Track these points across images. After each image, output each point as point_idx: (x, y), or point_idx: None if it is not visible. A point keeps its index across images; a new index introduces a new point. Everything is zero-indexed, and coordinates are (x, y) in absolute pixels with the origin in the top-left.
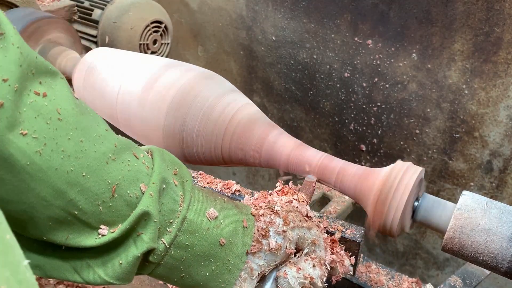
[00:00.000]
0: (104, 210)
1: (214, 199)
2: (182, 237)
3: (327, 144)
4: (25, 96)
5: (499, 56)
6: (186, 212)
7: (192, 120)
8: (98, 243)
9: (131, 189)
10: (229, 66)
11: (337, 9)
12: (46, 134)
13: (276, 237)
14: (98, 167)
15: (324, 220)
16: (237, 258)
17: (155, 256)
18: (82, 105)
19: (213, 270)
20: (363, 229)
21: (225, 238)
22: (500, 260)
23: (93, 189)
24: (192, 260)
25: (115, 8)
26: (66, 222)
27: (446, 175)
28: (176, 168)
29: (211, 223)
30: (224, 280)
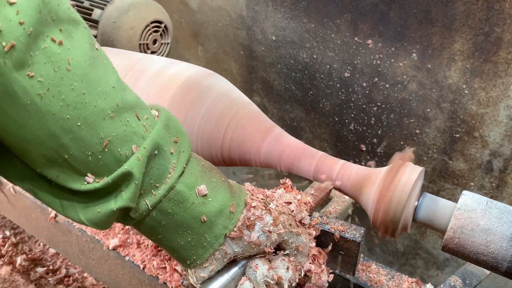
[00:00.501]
0: (93, 160)
1: (211, 176)
2: (166, 204)
3: (327, 144)
4: (40, 41)
5: (499, 56)
6: (176, 182)
7: (192, 120)
8: (83, 188)
9: (122, 148)
10: (229, 66)
11: (337, 9)
12: (51, 80)
13: (260, 233)
14: (95, 120)
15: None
16: (214, 238)
17: (136, 214)
18: (99, 57)
19: (188, 241)
20: (363, 229)
21: (207, 216)
22: (500, 260)
23: (85, 139)
24: (171, 226)
25: (115, 8)
26: (57, 162)
27: (446, 175)
28: (177, 137)
29: (198, 199)
30: (197, 253)
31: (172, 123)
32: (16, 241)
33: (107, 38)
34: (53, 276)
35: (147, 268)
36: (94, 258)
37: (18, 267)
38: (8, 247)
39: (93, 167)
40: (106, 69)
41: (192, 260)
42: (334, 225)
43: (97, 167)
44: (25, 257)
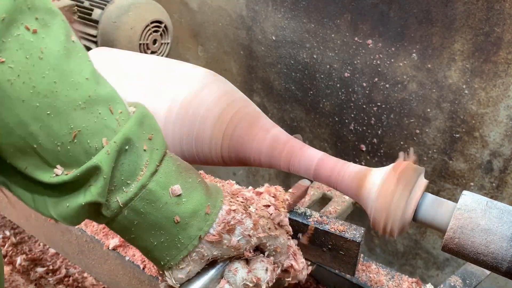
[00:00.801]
0: (62, 151)
1: (186, 176)
2: (138, 203)
3: (327, 144)
4: (13, 28)
5: (499, 56)
6: (148, 181)
7: (192, 120)
8: (51, 181)
9: (92, 140)
10: (229, 66)
11: (337, 9)
12: (22, 67)
13: (240, 237)
14: (65, 110)
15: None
16: (188, 239)
17: (108, 212)
18: (75, 49)
19: (161, 241)
20: (363, 229)
21: (180, 217)
22: (500, 260)
23: (55, 128)
24: (144, 226)
25: (115, 8)
26: (26, 152)
27: (446, 175)
28: (152, 134)
29: (172, 199)
30: (170, 254)
31: (147, 120)
32: (16, 241)
33: (107, 38)
34: (53, 276)
35: (147, 268)
36: (94, 258)
37: (18, 267)
38: (8, 247)
39: (62, 158)
40: (81, 61)
41: (166, 261)
42: (334, 225)
43: (66, 158)
44: (25, 257)
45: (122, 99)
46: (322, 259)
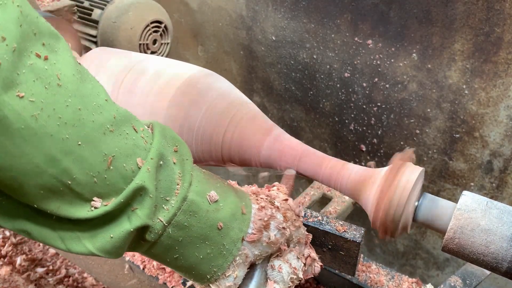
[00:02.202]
0: (99, 181)
1: (215, 182)
2: (181, 217)
3: (327, 144)
4: (25, 57)
5: (499, 56)
6: (187, 192)
7: (192, 120)
8: (90, 215)
9: (127, 163)
10: (229, 66)
11: (337, 9)
12: (44, 98)
13: (276, 231)
14: (95, 137)
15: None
16: (232, 244)
17: (152, 235)
18: (84, 71)
19: (208, 253)
20: (363, 230)
21: (223, 222)
22: (500, 261)
23: (88, 159)
24: (189, 241)
25: (115, 8)
26: (59, 191)
27: (446, 175)
28: (176, 145)
29: (211, 205)
30: (217, 264)
31: (168, 133)
32: (16, 241)
33: (107, 38)
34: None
35: (147, 268)
36: (94, 258)
37: (18, 267)
38: (8, 247)
39: (99, 189)
40: (94, 82)
41: (213, 273)
42: (334, 225)
43: (103, 189)
44: (25, 257)
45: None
46: (322, 259)
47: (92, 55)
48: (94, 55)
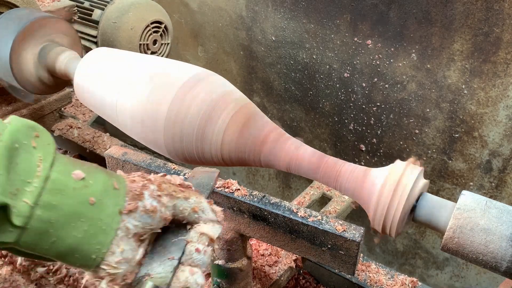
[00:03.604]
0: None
1: (81, 164)
2: (48, 196)
3: (326, 144)
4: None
5: (498, 56)
6: (49, 172)
7: (192, 120)
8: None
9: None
10: (229, 66)
11: (337, 9)
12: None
13: (151, 200)
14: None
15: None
16: (109, 218)
17: (19, 218)
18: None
19: (86, 230)
20: (362, 229)
21: (94, 197)
22: (500, 260)
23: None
24: (62, 221)
25: (115, 8)
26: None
27: (446, 175)
28: (37, 132)
29: (78, 182)
30: (99, 241)
31: (27, 122)
32: None
33: (107, 39)
34: (53, 276)
35: None
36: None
37: (19, 267)
38: None
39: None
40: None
41: (97, 250)
42: (334, 224)
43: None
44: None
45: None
46: (322, 258)
47: (92, 55)
48: (94, 56)
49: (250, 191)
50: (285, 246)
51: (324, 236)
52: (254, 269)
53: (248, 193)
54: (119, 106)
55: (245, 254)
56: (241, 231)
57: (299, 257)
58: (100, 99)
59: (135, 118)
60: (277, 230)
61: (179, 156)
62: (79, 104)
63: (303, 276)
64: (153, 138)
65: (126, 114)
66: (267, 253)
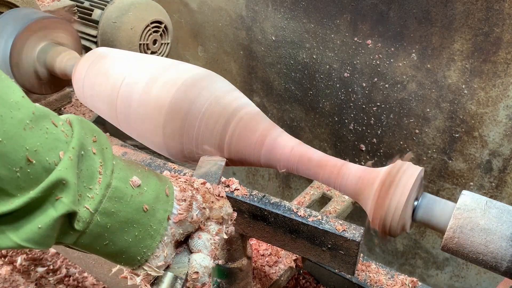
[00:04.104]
0: (22, 176)
1: (136, 168)
2: (108, 204)
3: (326, 144)
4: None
5: (498, 56)
6: (110, 179)
7: (192, 120)
8: (12, 207)
9: (49, 156)
10: (229, 66)
11: (337, 9)
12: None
13: (197, 211)
14: (16, 133)
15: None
16: (159, 224)
17: (80, 224)
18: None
19: (136, 235)
20: (362, 229)
21: (148, 204)
22: (500, 260)
23: (10, 155)
24: (117, 227)
25: (115, 8)
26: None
27: (446, 174)
28: (95, 136)
29: (135, 190)
30: (146, 245)
31: (85, 124)
32: None
33: (107, 38)
34: (53, 276)
35: None
36: (94, 258)
37: (19, 267)
38: None
39: (22, 184)
40: (8, 81)
41: (143, 253)
42: (334, 224)
43: (27, 183)
44: (26, 257)
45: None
46: (322, 258)
47: (92, 55)
48: (94, 55)
49: (250, 191)
50: (285, 246)
51: (324, 236)
52: (254, 269)
53: (248, 193)
54: (119, 106)
55: (245, 254)
56: (241, 231)
57: (299, 257)
58: (100, 99)
59: (136, 118)
60: (277, 230)
61: (179, 155)
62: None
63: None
64: (153, 137)
65: (127, 114)
66: (267, 253)
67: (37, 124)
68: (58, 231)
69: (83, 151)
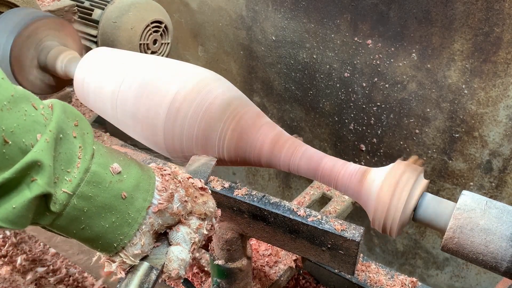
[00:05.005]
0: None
1: (117, 155)
2: (85, 188)
3: (327, 144)
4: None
5: (498, 56)
6: (90, 164)
7: (193, 120)
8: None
9: (26, 138)
10: (229, 66)
11: (337, 9)
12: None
13: (179, 204)
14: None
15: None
16: (137, 212)
17: (56, 206)
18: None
19: (113, 222)
20: (362, 229)
21: (127, 192)
22: (500, 260)
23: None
24: (94, 211)
25: (115, 8)
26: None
27: (446, 175)
28: (77, 120)
29: (114, 177)
30: (123, 232)
31: (68, 108)
32: (16, 241)
33: (107, 38)
34: (53, 276)
35: None
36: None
37: (18, 267)
38: (8, 247)
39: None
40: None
41: (119, 240)
42: (334, 224)
43: (2, 163)
44: (25, 257)
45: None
46: (322, 258)
47: (92, 55)
48: (94, 55)
49: (250, 191)
50: (285, 246)
51: (324, 235)
52: (254, 269)
53: (248, 193)
54: (120, 106)
55: (245, 254)
56: (241, 231)
57: (299, 257)
58: (100, 99)
59: (136, 118)
60: (277, 230)
61: (179, 156)
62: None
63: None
64: (153, 137)
65: (127, 114)
66: (267, 253)
67: (15, 105)
68: (34, 212)
69: (62, 134)
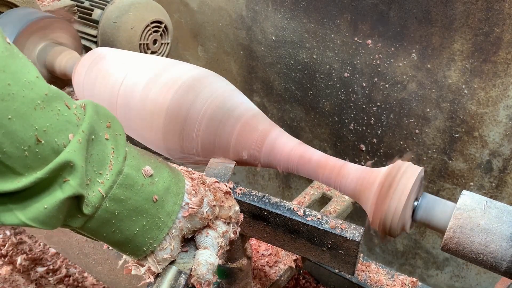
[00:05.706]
0: (30, 155)
1: (149, 157)
2: (118, 190)
3: (327, 144)
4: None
5: (498, 56)
6: (122, 166)
7: (192, 120)
8: (19, 186)
9: (59, 138)
10: (229, 66)
11: (337, 9)
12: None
13: (207, 208)
14: (26, 112)
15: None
16: (167, 216)
17: (88, 208)
18: (13, 50)
19: (143, 225)
20: (362, 229)
21: (158, 195)
22: (500, 260)
23: (19, 133)
24: (125, 214)
25: (115, 8)
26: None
27: (446, 175)
28: (109, 121)
29: (146, 179)
30: (153, 236)
31: (101, 110)
32: (16, 241)
33: (107, 38)
34: (53, 275)
35: None
36: (94, 258)
37: (19, 266)
38: (8, 247)
39: (30, 163)
40: (24, 60)
41: (149, 244)
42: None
43: (34, 162)
44: (25, 257)
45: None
46: (322, 258)
47: (92, 55)
48: (94, 55)
49: (250, 190)
50: (285, 246)
51: (324, 235)
52: (254, 269)
53: (248, 192)
54: (119, 106)
55: (245, 254)
56: (241, 231)
57: (299, 257)
58: (100, 99)
59: (136, 117)
60: (277, 230)
61: (179, 156)
62: None
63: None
64: (153, 138)
65: (127, 114)
66: (267, 253)
67: (49, 105)
68: (66, 213)
69: (94, 135)
